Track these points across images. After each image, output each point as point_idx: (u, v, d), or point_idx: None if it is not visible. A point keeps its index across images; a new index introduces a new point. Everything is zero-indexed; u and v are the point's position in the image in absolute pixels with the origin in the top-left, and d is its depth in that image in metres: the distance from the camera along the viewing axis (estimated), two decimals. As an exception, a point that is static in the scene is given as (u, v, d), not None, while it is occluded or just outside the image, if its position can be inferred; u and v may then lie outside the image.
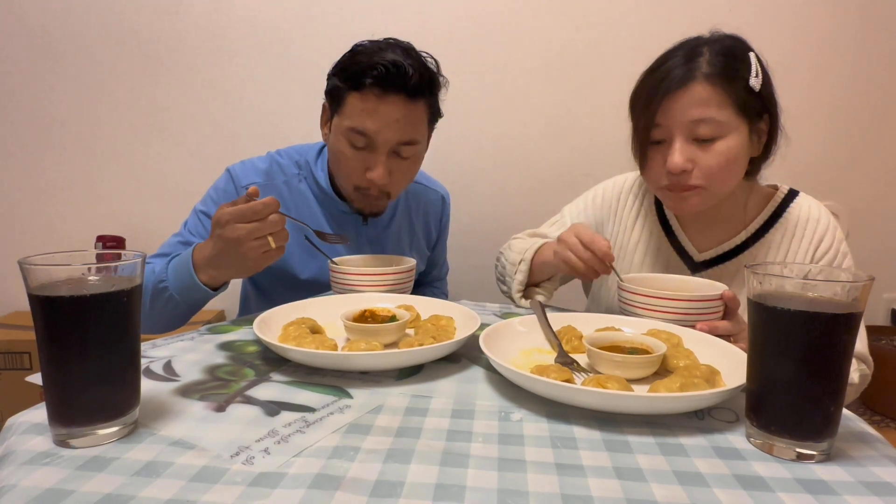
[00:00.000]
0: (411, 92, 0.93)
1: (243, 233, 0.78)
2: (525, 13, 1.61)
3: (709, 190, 0.85)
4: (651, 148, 0.88)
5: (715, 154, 0.82)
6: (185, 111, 1.65)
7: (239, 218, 0.78)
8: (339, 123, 0.97)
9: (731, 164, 0.83)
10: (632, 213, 1.04)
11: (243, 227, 0.78)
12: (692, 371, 0.56)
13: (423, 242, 1.25)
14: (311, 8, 1.58)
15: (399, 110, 0.93)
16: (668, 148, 0.84)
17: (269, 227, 0.78)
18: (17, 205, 1.67)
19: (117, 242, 1.53)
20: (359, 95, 0.92)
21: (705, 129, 0.81)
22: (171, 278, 0.87)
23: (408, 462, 0.43)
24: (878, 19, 1.60)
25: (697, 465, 0.43)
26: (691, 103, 0.81)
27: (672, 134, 0.84)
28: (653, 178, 0.90)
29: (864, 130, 1.66)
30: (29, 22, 1.58)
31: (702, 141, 0.82)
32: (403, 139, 0.95)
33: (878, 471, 0.43)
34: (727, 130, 0.82)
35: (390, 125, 0.93)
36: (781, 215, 0.93)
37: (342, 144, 0.97)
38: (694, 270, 0.96)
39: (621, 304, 0.83)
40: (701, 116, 0.81)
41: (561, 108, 1.66)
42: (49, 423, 0.45)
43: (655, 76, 0.85)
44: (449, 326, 0.73)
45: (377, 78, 0.90)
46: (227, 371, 0.61)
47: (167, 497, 0.38)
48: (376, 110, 0.92)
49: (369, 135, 0.93)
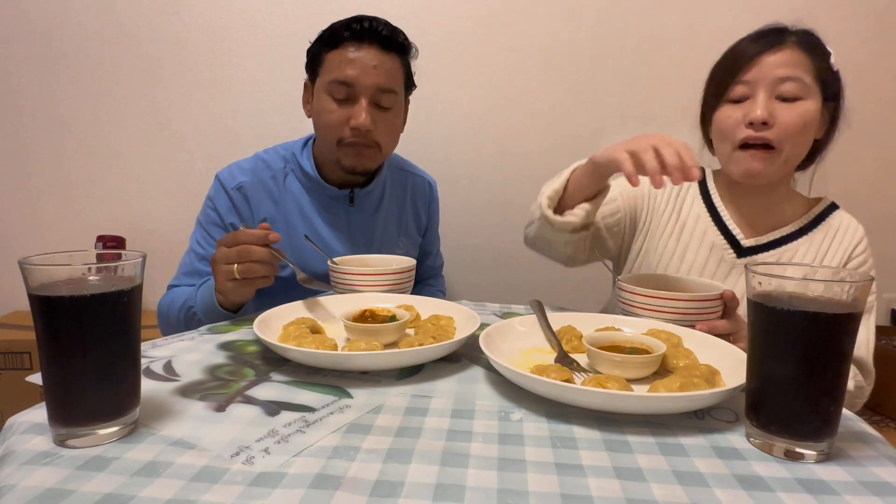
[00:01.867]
0: (384, 43, 1.02)
1: (217, 256, 0.84)
2: (525, 13, 1.61)
3: (781, 153, 0.88)
4: (728, 106, 0.91)
5: (795, 112, 0.87)
6: (185, 111, 1.65)
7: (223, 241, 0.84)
8: (320, 83, 1.04)
9: (806, 127, 0.88)
10: (678, 199, 1.05)
11: (219, 251, 0.84)
12: (692, 371, 0.56)
13: (414, 227, 1.27)
14: (310, 8, 1.59)
15: (375, 58, 1.01)
16: (750, 104, 0.88)
17: (233, 256, 0.81)
18: (17, 205, 1.67)
19: (117, 242, 1.53)
20: (337, 51, 1.01)
21: (790, 86, 0.87)
22: (198, 300, 0.93)
23: (408, 462, 0.43)
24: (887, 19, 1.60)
25: (697, 465, 0.43)
26: (782, 62, 0.87)
27: (756, 90, 0.88)
28: (728, 134, 0.92)
29: (864, 130, 1.66)
30: (29, 22, 1.58)
31: (784, 99, 0.87)
32: (382, 85, 1.01)
33: (878, 471, 0.43)
34: (808, 94, 0.87)
35: (368, 71, 1.00)
36: (824, 219, 0.98)
37: (325, 101, 1.02)
38: (740, 255, 0.98)
39: (620, 303, 0.83)
40: (789, 74, 0.86)
41: (561, 108, 1.66)
42: (49, 423, 0.45)
43: (743, 43, 0.92)
44: (449, 326, 0.73)
45: (353, 31, 1.00)
46: (228, 371, 0.61)
47: (167, 497, 0.38)
48: (354, 60, 1.00)
49: (349, 82, 1.00)
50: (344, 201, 1.12)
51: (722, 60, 0.94)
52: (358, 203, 1.13)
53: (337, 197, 1.11)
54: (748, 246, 0.97)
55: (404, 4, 1.59)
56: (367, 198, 1.14)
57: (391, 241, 1.20)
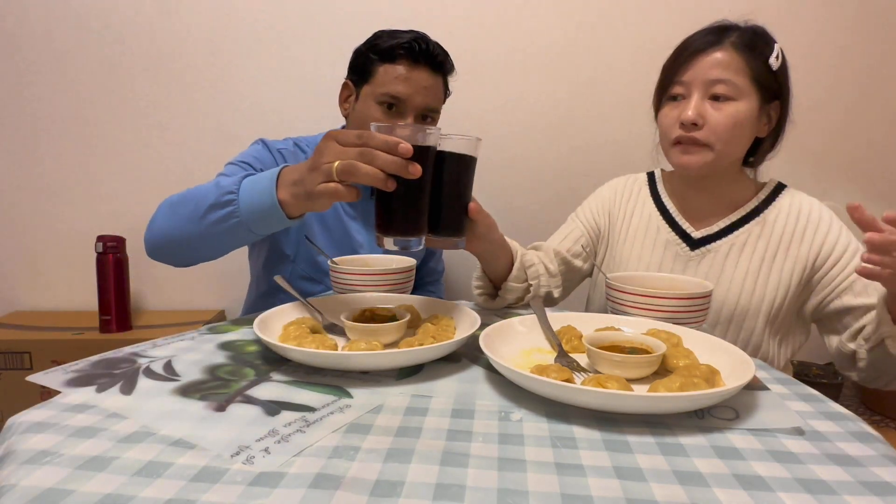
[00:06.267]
0: (435, 66, 1.08)
1: (325, 149, 0.67)
2: (525, 13, 1.61)
3: (713, 150, 0.92)
4: (668, 104, 0.97)
5: (725, 114, 0.91)
6: (185, 111, 1.65)
7: (338, 138, 0.67)
8: (370, 91, 1.08)
9: (737, 127, 0.91)
10: (629, 205, 1.11)
11: (330, 147, 0.67)
12: (692, 371, 0.57)
13: None
14: (310, 8, 1.59)
15: (427, 79, 1.07)
16: (685, 103, 0.93)
17: (352, 155, 0.65)
18: (17, 205, 1.67)
19: (117, 242, 1.53)
20: (391, 66, 1.06)
21: (721, 88, 0.90)
22: (242, 191, 0.74)
23: (408, 462, 0.43)
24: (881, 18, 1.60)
25: (697, 465, 0.43)
26: (714, 64, 0.91)
27: (691, 90, 0.93)
28: (665, 132, 0.98)
29: (864, 130, 1.66)
30: (29, 22, 1.58)
31: (715, 99, 0.91)
32: (430, 105, 1.09)
33: (878, 471, 0.43)
34: (740, 95, 0.90)
35: (420, 91, 1.06)
36: (774, 200, 1.00)
37: (372, 109, 1.07)
38: (693, 247, 1.01)
39: (610, 302, 0.83)
40: (720, 77, 0.90)
41: (561, 108, 1.66)
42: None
43: (687, 41, 0.96)
44: (449, 326, 0.73)
45: (408, 50, 1.05)
46: (228, 371, 0.62)
47: (167, 497, 0.38)
48: (408, 78, 1.05)
49: (402, 98, 1.06)
50: (365, 193, 1.15)
51: (669, 58, 0.98)
52: None
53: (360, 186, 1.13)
54: (699, 237, 1.01)
55: (405, 4, 1.59)
56: None
57: None
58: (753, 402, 0.55)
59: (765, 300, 0.95)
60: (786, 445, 0.47)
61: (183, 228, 0.80)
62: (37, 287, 1.70)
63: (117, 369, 0.61)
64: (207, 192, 0.77)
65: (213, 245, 0.81)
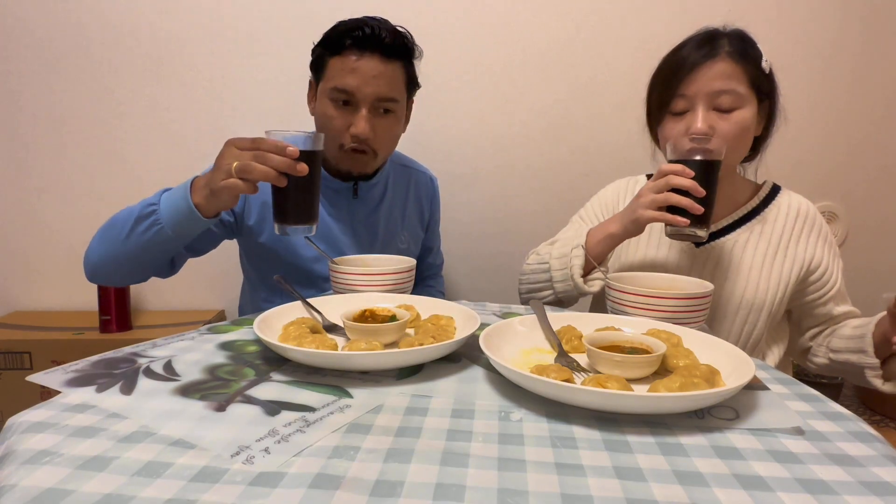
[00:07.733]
0: (386, 51, 1.01)
1: (226, 152, 0.80)
2: (525, 13, 1.61)
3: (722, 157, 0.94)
4: (671, 119, 0.96)
5: (733, 122, 0.92)
6: (185, 111, 1.65)
7: (236, 143, 0.80)
8: (322, 88, 1.05)
9: (745, 133, 0.93)
10: None
11: (229, 151, 0.80)
12: (692, 371, 0.56)
13: (417, 221, 1.28)
14: (310, 8, 1.58)
15: (376, 67, 1.01)
16: (691, 117, 0.93)
17: (247, 158, 0.77)
18: (17, 205, 1.67)
19: (117, 242, 1.53)
20: (339, 58, 1.01)
21: (726, 99, 0.91)
22: (163, 201, 0.87)
23: (408, 462, 0.43)
24: (882, 21, 1.60)
25: (697, 465, 0.43)
26: (716, 76, 0.91)
27: (695, 103, 0.93)
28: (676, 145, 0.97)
29: (864, 130, 1.66)
30: (29, 22, 1.58)
31: (722, 111, 0.92)
32: (382, 95, 1.02)
33: (878, 471, 0.43)
34: (744, 102, 0.92)
35: (368, 81, 1.00)
36: (773, 200, 1.04)
37: (326, 107, 1.04)
38: (698, 245, 1.03)
39: (610, 302, 0.83)
40: (724, 88, 0.90)
41: (560, 109, 1.66)
42: None
43: (680, 54, 0.95)
44: (449, 326, 0.73)
45: (355, 38, 1.00)
46: (228, 371, 0.61)
47: (167, 497, 0.38)
48: (355, 68, 1.00)
49: (350, 91, 1.01)
50: (347, 194, 1.13)
51: (660, 71, 0.98)
52: (361, 196, 1.15)
53: (341, 190, 1.13)
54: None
55: (404, 4, 1.59)
56: (370, 191, 1.16)
57: (394, 235, 1.21)
58: (753, 402, 0.55)
59: (768, 294, 0.98)
60: (786, 445, 0.47)
61: (115, 246, 0.91)
62: (37, 287, 1.70)
63: (117, 369, 0.61)
64: (132, 209, 0.90)
65: (141, 257, 0.92)
